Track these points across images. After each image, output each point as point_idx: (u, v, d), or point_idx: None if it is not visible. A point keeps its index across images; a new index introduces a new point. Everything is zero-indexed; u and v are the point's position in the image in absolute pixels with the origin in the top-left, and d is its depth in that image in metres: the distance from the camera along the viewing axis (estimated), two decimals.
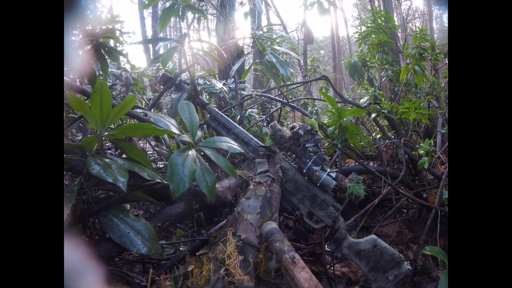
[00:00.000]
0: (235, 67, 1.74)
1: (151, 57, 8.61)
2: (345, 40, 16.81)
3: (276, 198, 1.23)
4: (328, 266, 1.54)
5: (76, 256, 0.81)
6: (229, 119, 1.38)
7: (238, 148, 1.08)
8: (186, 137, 0.96)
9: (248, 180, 1.24)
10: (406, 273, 1.25)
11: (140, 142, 1.99)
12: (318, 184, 1.30)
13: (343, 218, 1.32)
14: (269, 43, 1.91)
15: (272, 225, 1.05)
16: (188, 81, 1.54)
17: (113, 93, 2.28)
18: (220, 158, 0.98)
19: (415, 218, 2.02)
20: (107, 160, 0.83)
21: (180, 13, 1.68)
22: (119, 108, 0.90)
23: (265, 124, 2.24)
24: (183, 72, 1.54)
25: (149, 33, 10.38)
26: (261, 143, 1.37)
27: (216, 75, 1.61)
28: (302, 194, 1.32)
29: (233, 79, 2.17)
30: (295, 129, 1.36)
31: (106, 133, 0.91)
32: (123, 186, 0.77)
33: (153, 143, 1.44)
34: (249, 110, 2.37)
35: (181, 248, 1.54)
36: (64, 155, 0.87)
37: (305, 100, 3.24)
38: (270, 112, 2.72)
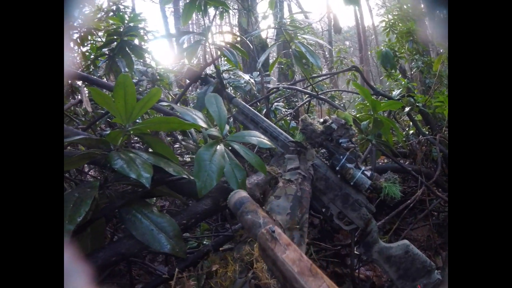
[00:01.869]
0: (262, 58, 1.68)
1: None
2: (371, 30, 16.30)
3: (306, 198, 1.16)
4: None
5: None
6: (257, 112, 1.32)
7: (269, 143, 1.02)
8: (214, 131, 0.91)
9: (277, 177, 1.17)
10: (435, 283, 1.16)
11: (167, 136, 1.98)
12: (351, 183, 1.21)
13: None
14: (296, 32, 1.83)
15: (241, 193, 0.88)
16: (213, 75, 1.49)
17: (139, 89, 2.29)
18: (250, 153, 0.93)
19: (446, 222, 1.90)
20: (131, 154, 0.80)
21: (202, 7, 1.64)
22: (144, 102, 0.86)
23: (291, 118, 2.17)
24: (208, 66, 1.50)
25: (172, 31, 10.55)
26: (290, 138, 1.30)
27: (242, 68, 1.56)
28: (333, 193, 1.24)
29: (258, 72, 2.11)
30: (327, 123, 1.28)
31: (131, 127, 0.88)
32: (147, 182, 0.74)
33: (179, 137, 1.42)
34: (275, 103, 2.30)
35: (204, 242, 1.50)
36: (88, 150, 0.85)
37: (332, 93, 3.13)
38: (296, 105, 2.65)
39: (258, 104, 2.11)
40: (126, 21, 2.18)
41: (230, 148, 0.96)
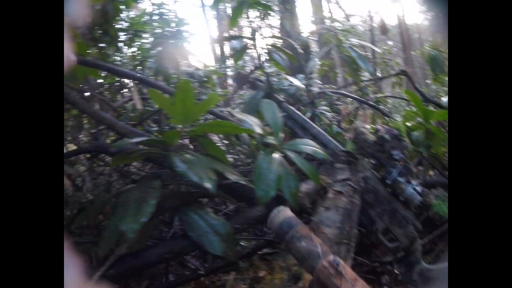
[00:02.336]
0: (312, 64, 1.65)
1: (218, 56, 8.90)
2: (415, 29, 15.60)
3: (356, 211, 1.12)
4: None
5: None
6: (306, 118, 1.30)
7: (323, 153, 1.00)
8: (271, 139, 0.90)
9: (327, 187, 1.14)
10: None
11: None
12: (401, 198, 1.16)
13: None
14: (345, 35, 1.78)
15: (287, 213, 0.75)
16: (260, 79, 1.49)
17: None
18: (305, 163, 0.92)
19: None
20: (188, 156, 0.82)
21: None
22: (201, 105, 0.89)
23: (335, 123, 2.12)
24: (257, 69, 1.49)
25: (213, 34, 10.80)
26: (340, 146, 1.26)
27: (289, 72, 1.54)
28: (381, 208, 1.20)
29: (303, 76, 2.09)
30: (380, 133, 1.23)
31: (188, 128, 0.91)
32: (212, 188, 0.75)
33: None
34: (320, 108, 2.26)
35: (241, 243, 1.51)
36: (147, 148, 0.88)
37: (378, 98, 3.02)
38: (339, 109, 2.60)
39: (303, 108, 2.08)
40: (172, 25, 2.27)
41: (284, 156, 0.95)
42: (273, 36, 1.68)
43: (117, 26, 2.13)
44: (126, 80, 2.38)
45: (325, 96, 2.14)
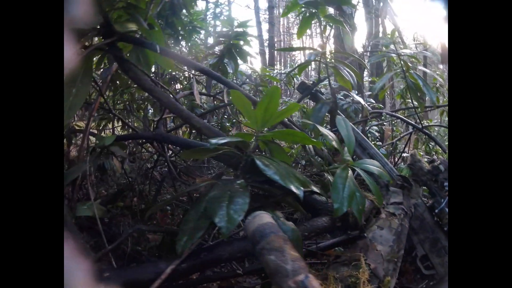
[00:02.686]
0: (380, 84, 1.68)
1: (266, 60, 8.95)
2: None
3: (404, 235, 1.15)
4: None
5: None
6: (364, 137, 1.33)
7: (388, 176, 1.03)
8: (348, 156, 0.94)
9: (380, 207, 1.18)
10: None
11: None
12: (445, 229, 1.18)
13: None
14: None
15: (264, 218, 0.65)
16: (321, 91, 1.53)
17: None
18: (373, 183, 0.95)
19: None
20: (267, 161, 0.85)
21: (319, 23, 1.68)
22: (280, 113, 0.91)
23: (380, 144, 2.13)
24: (321, 82, 1.53)
25: (265, 37, 10.91)
26: (395, 170, 1.29)
27: (352, 89, 1.56)
28: (425, 235, 1.22)
29: (358, 93, 2.11)
30: (435, 163, 1.25)
31: (261, 134, 0.94)
32: (301, 195, 0.77)
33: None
34: (372, 126, 2.27)
35: None
36: (225, 149, 0.92)
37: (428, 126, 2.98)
38: (383, 129, 2.59)
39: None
40: (234, 26, 2.31)
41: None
42: (341, 52, 1.71)
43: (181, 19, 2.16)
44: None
45: (379, 117, 2.15)
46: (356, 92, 2.21)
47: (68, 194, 1.27)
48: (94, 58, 1.30)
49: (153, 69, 2.19)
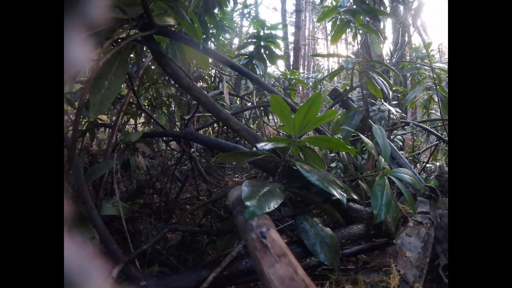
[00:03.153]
0: (412, 95, 1.68)
1: (290, 63, 8.93)
2: None
3: (430, 244, 1.16)
4: None
5: None
6: (394, 147, 1.33)
7: (420, 186, 1.03)
8: (384, 164, 0.95)
9: (407, 216, 1.19)
10: None
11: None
12: None
13: None
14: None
15: (237, 193, 0.76)
16: (352, 99, 1.54)
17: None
18: (407, 191, 0.96)
19: None
20: (306, 166, 0.86)
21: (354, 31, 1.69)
22: (318, 119, 0.91)
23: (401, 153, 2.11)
24: (353, 90, 1.54)
25: (290, 40, 10.93)
26: (422, 180, 1.29)
27: (381, 97, 1.56)
28: (448, 245, 1.22)
29: (395, 103, 2.11)
30: None
31: (297, 139, 0.93)
32: (346, 202, 0.78)
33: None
34: (395, 136, 2.27)
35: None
36: (266, 154, 0.92)
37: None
38: (403, 138, 2.56)
39: None
40: (265, 27, 2.32)
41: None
42: (373, 61, 1.71)
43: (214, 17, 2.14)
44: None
45: (404, 127, 2.15)
46: (382, 101, 2.20)
47: (93, 191, 1.26)
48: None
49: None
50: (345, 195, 0.80)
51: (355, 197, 0.89)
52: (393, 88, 2.66)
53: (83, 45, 0.43)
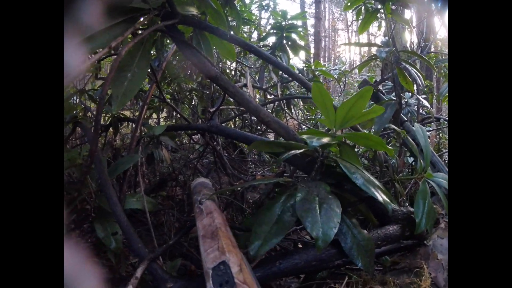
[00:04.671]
0: (445, 89, 1.59)
1: (311, 55, 8.83)
2: None
3: None
4: None
5: None
6: (429, 145, 1.26)
7: None
8: (427, 168, 0.89)
9: (439, 217, 1.13)
10: None
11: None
12: None
13: None
14: None
15: (200, 179, 1.01)
16: (382, 91, 1.47)
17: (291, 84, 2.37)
18: (443, 194, 0.90)
19: None
20: (349, 165, 0.81)
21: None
22: (362, 114, 0.86)
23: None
24: (383, 82, 1.47)
25: (309, 32, 10.81)
26: None
27: (413, 90, 1.48)
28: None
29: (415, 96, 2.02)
30: None
31: (336, 134, 0.89)
32: (390, 208, 0.74)
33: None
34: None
35: None
36: (305, 148, 0.89)
37: None
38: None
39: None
40: (287, 18, 2.26)
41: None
42: (405, 51, 1.63)
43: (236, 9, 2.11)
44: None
45: (435, 122, 2.05)
46: (410, 93, 2.11)
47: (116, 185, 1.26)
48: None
49: None
50: (389, 201, 0.75)
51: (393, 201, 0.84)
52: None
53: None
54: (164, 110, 2.58)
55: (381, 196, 0.75)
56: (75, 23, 0.94)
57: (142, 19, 0.98)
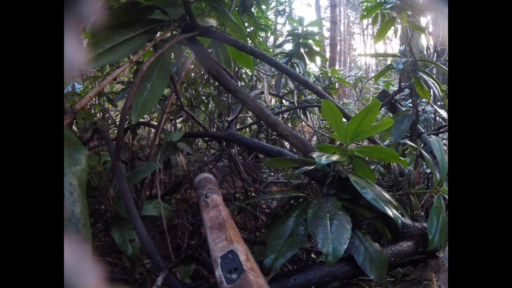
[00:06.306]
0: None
1: (327, 61, 8.79)
2: None
3: None
4: None
5: None
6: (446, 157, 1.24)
7: None
8: (443, 183, 0.88)
9: None
10: None
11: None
12: None
13: None
14: None
15: (205, 175, 1.00)
16: (399, 101, 1.45)
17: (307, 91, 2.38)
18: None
19: None
20: (359, 180, 0.81)
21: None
22: (372, 128, 0.86)
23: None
24: (401, 92, 1.45)
25: (325, 36, 10.73)
26: None
27: (429, 99, 1.46)
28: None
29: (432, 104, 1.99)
30: None
31: (347, 149, 0.89)
32: (400, 223, 0.74)
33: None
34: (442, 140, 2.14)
35: None
36: (312, 167, 0.89)
37: None
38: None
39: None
40: (304, 24, 2.26)
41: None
42: (423, 60, 1.61)
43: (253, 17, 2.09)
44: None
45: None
46: (427, 101, 2.08)
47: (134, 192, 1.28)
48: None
49: None
50: (400, 216, 0.75)
51: (404, 215, 0.84)
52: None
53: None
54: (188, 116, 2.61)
55: (391, 211, 0.75)
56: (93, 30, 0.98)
57: (162, 31, 1.02)
